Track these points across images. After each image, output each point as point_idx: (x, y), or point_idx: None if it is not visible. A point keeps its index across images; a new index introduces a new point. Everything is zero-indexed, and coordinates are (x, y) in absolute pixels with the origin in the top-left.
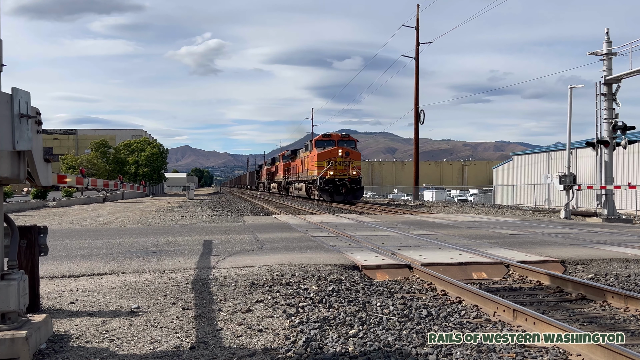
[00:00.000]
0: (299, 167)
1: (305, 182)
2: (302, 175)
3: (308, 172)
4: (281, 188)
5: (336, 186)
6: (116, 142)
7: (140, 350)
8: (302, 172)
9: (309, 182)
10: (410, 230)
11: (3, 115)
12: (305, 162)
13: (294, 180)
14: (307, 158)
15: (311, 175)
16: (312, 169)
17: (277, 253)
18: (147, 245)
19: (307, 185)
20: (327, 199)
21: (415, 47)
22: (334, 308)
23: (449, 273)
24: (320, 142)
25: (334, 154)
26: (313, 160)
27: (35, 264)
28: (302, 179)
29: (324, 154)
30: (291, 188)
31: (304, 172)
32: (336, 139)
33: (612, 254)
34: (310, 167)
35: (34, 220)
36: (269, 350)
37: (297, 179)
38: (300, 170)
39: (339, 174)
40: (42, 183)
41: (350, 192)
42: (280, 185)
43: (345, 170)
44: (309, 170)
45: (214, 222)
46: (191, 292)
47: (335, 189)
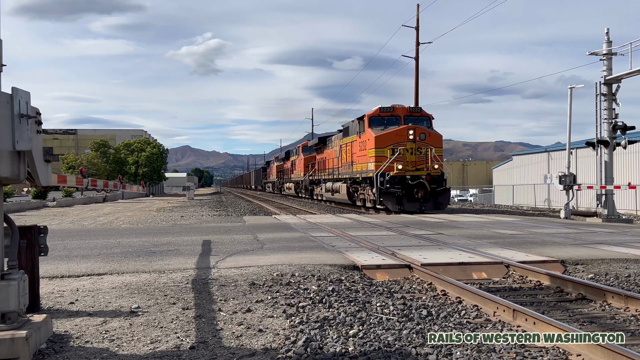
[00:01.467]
0: (333, 160)
1: (348, 181)
2: (341, 171)
3: (354, 166)
4: (300, 189)
5: (408, 188)
6: (116, 142)
7: (140, 350)
8: (342, 166)
9: (355, 181)
10: (410, 230)
11: (3, 115)
12: (348, 151)
13: (323, 179)
14: (351, 146)
15: (360, 170)
16: (362, 160)
17: (277, 253)
18: (147, 245)
19: (350, 186)
20: (394, 208)
21: (415, 47)
22: (334, 308)
23: (449, 273)
24: (376, 119)
25: (401, 136)
26: (365, 147)
27: (35, 264)
28: (340, 177)
29: (385, 137)
30: (317, 190)
31: (344, 167)
32: (402, 114)
33: (612, 254)
34: (360, 158)
35: (34, 220)
36: (269, 350)
37: (330, 176)
38: (336, 165)
39: (411, 168)
40: (42, 183)
41: (431, 198)
42: (300, 186)
43: (422, 163)
44: (355, 164)
45: (214, 222)
46: (191, 292)
47: (407, 191)
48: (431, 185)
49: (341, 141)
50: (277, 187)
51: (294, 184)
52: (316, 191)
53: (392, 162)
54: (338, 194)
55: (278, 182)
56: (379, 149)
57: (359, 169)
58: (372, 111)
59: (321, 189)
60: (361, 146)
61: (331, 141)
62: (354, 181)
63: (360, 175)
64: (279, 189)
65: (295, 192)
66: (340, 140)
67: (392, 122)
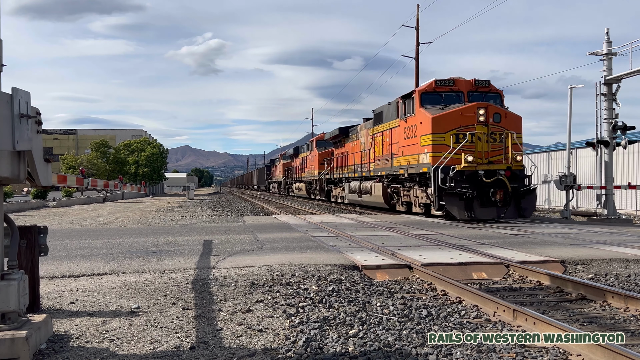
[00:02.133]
0: (360, 154)
1: (384, 179)
2: (374, 167)
3: (395, 159)
4: (313, 190)
5: (481, 187)
6: (116, 142)
7: (140, 350)
8: (374, 161)
9: (395, 178)
10: (410, 230)
11: (3, 115)
12: (384, 141)
13: (346, 178)
14: (390, 134)
15: (406, 164)
16: (409, 151)
17: (277, 253)
18: (147, 245)
19: (389, 186)
20: (460, 215)
21: (415, 47)
22: (334, 308)
23: (449, 273)
24: (431, 95)
25: (468, 118)
26: (414, 133)
27: (35, 264)
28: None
29: (445, 120)
30: (337, 190)
31: (378, 162)
32: (465, 89)
33: (612, 254)
34: (405, 148)
35: (34, 220)
36: (269, 351)
37: (355, 173)
38: (364, 159)
39: (484, 160)
40: (42, 183)
41: (512, 201)
42: (313, 186)
43: (497, 153)
44: (397, 157)
45: (214, 222)
46: (191, 292)
47: (479, 192)
48: (511, 184)
49: (372, 130)
50: (284, 188)
51: (305, 184)
52: (335, 192)
53: (458, 153)
54: (369, 195)
55: (285, 181)
56: (437, 136)
57: (404, 162)
58: (424, 85)
59: (343, 189)
60: (408, 133)
61: (355, 132)
62: (393, 179)
63: (406, 170)
64: (286, 190)
65: (307, 194)
66: (371, 129)
67: (451, 100)
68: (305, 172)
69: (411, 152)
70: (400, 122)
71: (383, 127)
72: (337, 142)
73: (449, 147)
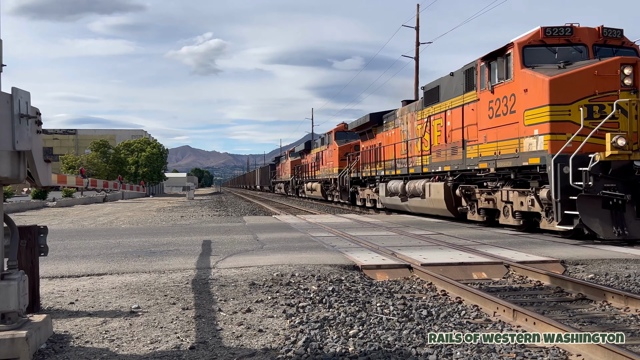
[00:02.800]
0: (401, 146)
1: (449, 177)
2: (435, 160)
3: (469, 149)
4: (331, 191)
5: (636, 187)
6: (116, 142)
7: (140, 351)
8: (433, 151)
9: (467, 176)
10: (410, 230)
11: (3, 115)
12: (447, 125)
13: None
14: (461, 112)
15: (499, 154)
16: (502, 134)
17: (277, 253)
18: (147, 246)
19: (458, 188)
20: (605, 233)
21: (415, 47)
22: (334, 308)
23: (449, 273)
24: (538, 50)
25: (606, 80)
26: (513, 106)
27: (35, 264)
28: (424, 171)
29: (572, 83)
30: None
31: (438, 154)
32: (588, 42)
33: (612, 254)
34: (497, 130)
35: (34, 220)
36: (269, 351)
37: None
38: (411, 152)
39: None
40: (42, 183)
41: None
42: (331, 187)
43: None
44: (471, 145)
45: (214, 222)
46: (191, 292)
47: (636, 195)
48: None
49: (423, 112)
50: (293, 188)
51: (321, 184)
52: (363, 194)
53: (599, 134)
54: (419, 199)
55: (294, 181)
56: (558, 108)
57: (487, 152)
58: (526, 36)
59: (375, 190)
60: (497, 108)
61: (393, 117)
62: (461, 177)
63: (493, 163)
64: (295, 190)
65: (323, 195)
66: (420, 112)
67: (568, 56)
68: (321, 169)
69: (504, 135)
70: (482, 94)
71: (443, 107)
72: (366, 133)
73: (578, 126)
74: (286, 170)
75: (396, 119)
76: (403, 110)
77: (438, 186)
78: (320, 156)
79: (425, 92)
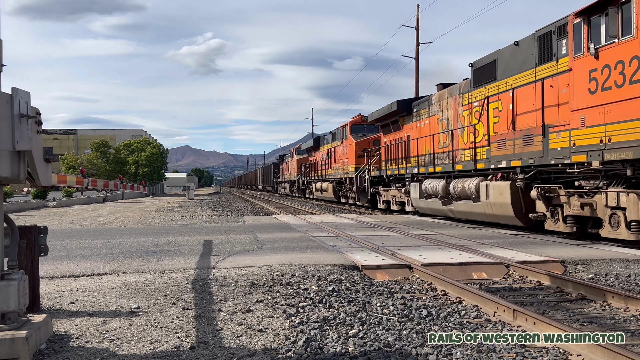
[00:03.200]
0: (439, 138)
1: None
2: (496, 153)
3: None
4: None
5: None
6: (116, 142)
7: (140, 351)
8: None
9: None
10: (410, 230)
11: (3, 115)
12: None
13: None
14: (534, 91)
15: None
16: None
17: (277, 253)
18: (147, 246)
19: (533, 189)
20: None
21: (415, 47)
22: (334, 308)
23: (449, 273)
24: None
25: None
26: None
27: (35, 264)
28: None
29: None
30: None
31: (500, 145)
32: None
33: (612, 254)
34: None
35: (34, 220)
36: (269, 351)
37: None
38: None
39: None
40: (42, 183)
41: None
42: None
43: None
44: (558, 132)
45: (214, 222)
46: (191, 292)
47: None
48: None
49: (472, 94)
50: (299, 188)
51: (333, 184)
52: (386, 195)
53: None
54: (472, 203)
55: (301, 181)
56: None
57: (586, 139)
58: None
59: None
60: (607, 78)
61: (427, 104)
62: (534, 175)
63: (598, 155)
64: (302, 191)
65: (335, 196)
66: (469, 95)
67: None
68: (333, 168)
69: (618, 115)
70: (577, 62)
71: (502, 86)
72: (390, 124)
73: None
74: (291, 169)
75: (431, 106)
76: (441, 94)
77: (501, 186)
78: (331, 153)
79: (474, 70)
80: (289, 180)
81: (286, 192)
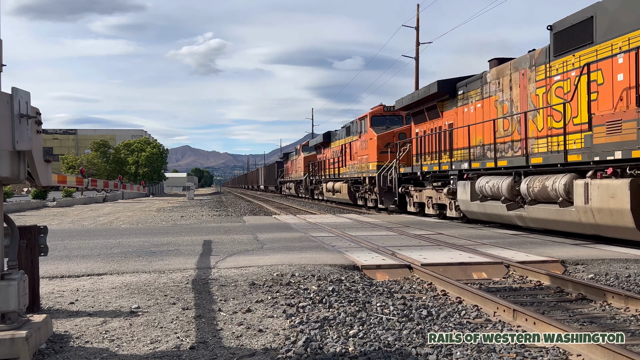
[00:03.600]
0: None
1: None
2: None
3: None
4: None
5: None
6: (116, 142)
7: (140, 351)
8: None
9: None
10: (410, 230)
11: (3, 115)
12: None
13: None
14: None
15: None
16: None
17: (277, 253)
18: (147, 246)
19: None
20: None
21: (415, 47)
22: (334, 308)
23: (449, 273)
24: None
25: None
26: None
27: (35, 264)
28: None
29: None
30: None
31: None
32: None
33: (612, 254)
34: None
35: (34, 220)
36: (269, 351)
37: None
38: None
39: None
40: (42, 183)
41: None
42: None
43: None
44: None
45: (214, 222)
46: (191, 292)
47: None
48: None
49: (555, 65)
50: (307, 188)
51: (348, 184)
52: (419, 197)
53: None
54: (558, 208)
55: (309, 180)
56: None
57: None
58: None
59: (448, 192)
60: None
61: (480, 84)
62: None
63: None
64: (310, 191)
65: (351, 198)
66: (547, 66)
67: None
68: (348, 165)
69: None
70: None
71: (607, 49)
72: (425, 111)
73: None
74: (297, 168)
75: (485, 85)
76: (501, 69)
77: (613, 186)
78: (346, 149)
79: (556, 33)
80: (294, 180)
81: (291, 192)
